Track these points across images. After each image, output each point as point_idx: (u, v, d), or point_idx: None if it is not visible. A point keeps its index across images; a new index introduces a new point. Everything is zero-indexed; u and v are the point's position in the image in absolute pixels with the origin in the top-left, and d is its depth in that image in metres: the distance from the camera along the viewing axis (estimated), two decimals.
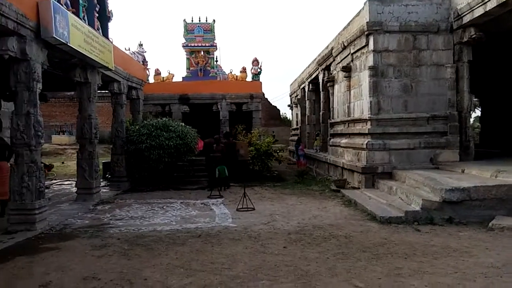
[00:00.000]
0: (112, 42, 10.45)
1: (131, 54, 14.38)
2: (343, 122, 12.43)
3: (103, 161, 14.46)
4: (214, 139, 12.46)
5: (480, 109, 21.00)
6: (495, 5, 8.15)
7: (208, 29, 17.54)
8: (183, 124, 13.67)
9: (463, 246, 5.60)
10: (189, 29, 17.49)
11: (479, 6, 8.68)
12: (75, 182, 10.50)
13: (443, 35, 10.01)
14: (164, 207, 9.09)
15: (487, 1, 8.36)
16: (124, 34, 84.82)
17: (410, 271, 4.60)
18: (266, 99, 35.03)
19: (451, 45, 10.02)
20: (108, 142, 18.60)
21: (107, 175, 13.63)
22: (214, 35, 17.69)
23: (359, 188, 10.12)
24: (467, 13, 9.20)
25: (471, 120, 13.03)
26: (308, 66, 18.59)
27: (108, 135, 17.30)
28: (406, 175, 8.89)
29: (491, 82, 15.50)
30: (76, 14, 8.45)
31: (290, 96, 26.12)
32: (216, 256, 5.32)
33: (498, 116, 15.66)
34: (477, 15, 8.83)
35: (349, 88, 11.86)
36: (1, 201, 7.99)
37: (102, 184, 12.38)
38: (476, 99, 21.87)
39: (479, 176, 8.14)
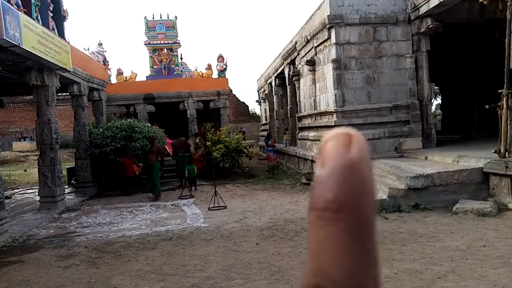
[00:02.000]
0: (69, 43, 10.04)
1: (91, 54, 13.89)
2: (310, 116, 12.54)
3: (67, 167, 13.97)
4: (149, 138, 11.05)
5: (440, 97, 21.76)
6: None
7: (170, 26, 17.18)
8: (149, 124, 13.40)
9: (430, 231, 5.78)
10: (151, 26, 17.07)
11: None
12: (38, 191, 10.08)
13: (401, 26, 10.26)
14: (133, 211, 8.88)
15: None
16: (82, 33, 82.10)
17: (380, 259, 4.68)
18: (234, 95, 34.87)
19: (409, 35, 10.28)
20: (72, 146, 17.97)
21: (72, 181, 13.18)
22: (177, 32, 17.36)
23: None
24: (423, 4, 9.46)
25: (433, 108, 13.48)
26: (274, 61, 18.62)
27: (72, 140, 16.72)
28: (373, 165, 9.08)
29: (450, 71, 16.07)
30: (29, 14, 8.04)
31: (258, 91, 26.12)
32: (188, 258, 5.24)
33: (458, 103, 16.27)
34: (432, 5, 9.10)
35: (314, 81, 11.97)
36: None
37: (67, 190, 11.95)
38: (436, 87, 22.65)
39: (442, 162, 8.42)
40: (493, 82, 12.63)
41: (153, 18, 17.15)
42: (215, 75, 17.66)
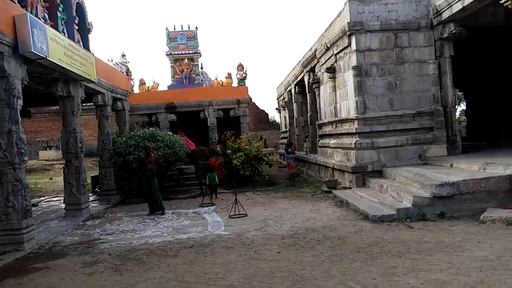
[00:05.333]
0: (93, 54, 10.33)
1: (114, 65, 14.23)
2: (330, 123, 12.45)
3: (92, 175, 14.29)
4: (144, 148, 10.48)
5: (465, 102, 21.28)
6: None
7: (191, 37, 17.45)
8: (170, 133, 13.58)
9: (456, 240, 5.61)
10: (172, 37, 17.38)
11: (457, 2, 8.78)
12: (63, 198, 10.31)
13: (423, 32, 10.11)
14: (155, 219, 8.97)
15: None
16: (106, 45, 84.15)
17: (405, 269, 4.58)
18: (254, 103, 35.02)
19: (432, 41, 10.12)
20: (96, 155, 18.37)
21: (96, 189, 13.45)
22: (197, 42, 17.61)
23: (350, 188, 10.13)
24: (446, 9, 9.31)
25: (457, 114, 13.22)
26: (294, 69, 18.63)
27: (96, 148, 17.10)
28: (396, 173, 8.92)
29: (475, 76, 15.71)
30: (55, 27, 8.33)
31: (277, 99, 26.15)
32: (209, 266, 5.24)
33: (483, 109, 15.86)
34: (455, 10, 8.94)
35: (334, 88, 11.90)
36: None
37: (91, 198, 12.19)
38: (460, 93, 22.17)
39: (468, 169, 8.20)
40: None
41: (175, 29, 17.46)
42: (235, 83, 17.78)
